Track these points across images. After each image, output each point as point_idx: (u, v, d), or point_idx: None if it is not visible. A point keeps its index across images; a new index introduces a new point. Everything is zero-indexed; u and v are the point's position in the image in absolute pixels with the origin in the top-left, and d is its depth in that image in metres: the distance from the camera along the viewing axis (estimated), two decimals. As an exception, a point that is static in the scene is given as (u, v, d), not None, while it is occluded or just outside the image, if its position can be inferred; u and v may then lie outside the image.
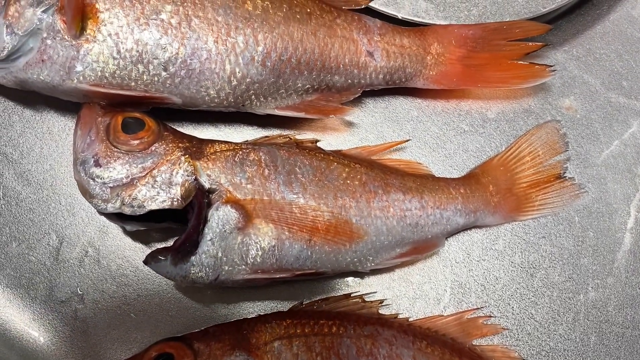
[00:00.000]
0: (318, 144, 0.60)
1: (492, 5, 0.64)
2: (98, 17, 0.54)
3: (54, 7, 0.54)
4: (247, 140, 0.60)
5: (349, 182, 0.56)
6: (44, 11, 0.54)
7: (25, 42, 0.54)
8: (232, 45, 0.56)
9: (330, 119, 0.63)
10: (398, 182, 0.57)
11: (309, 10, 0.59)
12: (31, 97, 0.60)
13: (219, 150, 0.56)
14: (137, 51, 0.55)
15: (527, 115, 0.64)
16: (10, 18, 0.54)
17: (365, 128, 0.64)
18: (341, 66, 0.60)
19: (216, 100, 0.58)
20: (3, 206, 0.60)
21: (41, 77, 0.55)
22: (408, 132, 0.64)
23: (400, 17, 0.64)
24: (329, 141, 0.63)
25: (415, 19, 0.64)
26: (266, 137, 0.60)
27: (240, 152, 0.56)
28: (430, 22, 0.64)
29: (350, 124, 0.64)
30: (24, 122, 0.62)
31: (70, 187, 0.60)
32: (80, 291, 0.59)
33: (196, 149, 0.56)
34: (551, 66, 0.61)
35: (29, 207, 0.60)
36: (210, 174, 0.54)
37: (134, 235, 0.60)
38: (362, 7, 0.62)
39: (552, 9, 0.64)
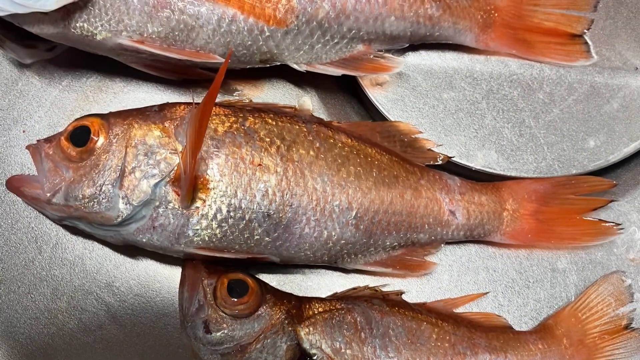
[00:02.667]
0: (403, 296, 0.64)
1: (559, 158, 0.69)
2: (208, 188, 0.58)
3: (166, 178, 0.58)
4: (335, 293, 0.64)
5: (439, 344, 0.59)
6: (156, 183, 0.58)
7: (139, 211, 0.58)
8: (329, 212, 0.60)
9: (413, 270, 0.67)
10: (484, 341, 0.61)
11: (395, 173, 0.63)
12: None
13: (317, 312, 0.59)
14: (244, 220, 0.58)
15: (594, 266, 0.68)
16: (125, 189, 0.57)
17: (442, 275, 0.67)
18: (426, 225, 0.64)
19: (311, 259, 0.62)
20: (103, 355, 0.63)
21: (150, 241, 0.59)
22: (484, 279, 0.67)
23: (474, 168, 0.68)
24: (410, 289, 0.66)
25: (488, 170, 0.68)
26: (354, 289, 0.63)
27: (337, 314, 0.59)
28: (502, 173, 0.68)
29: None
30: (120, 269, 0.65)
31: (169, 335, 0.64)
32: None
33: (296, 310, 0.59)
34: (619, 224, 0.65)
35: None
36: (312, 339, 0.58)
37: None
38: (441, 163, 0.66)
39: (618, 159, 0.68)
